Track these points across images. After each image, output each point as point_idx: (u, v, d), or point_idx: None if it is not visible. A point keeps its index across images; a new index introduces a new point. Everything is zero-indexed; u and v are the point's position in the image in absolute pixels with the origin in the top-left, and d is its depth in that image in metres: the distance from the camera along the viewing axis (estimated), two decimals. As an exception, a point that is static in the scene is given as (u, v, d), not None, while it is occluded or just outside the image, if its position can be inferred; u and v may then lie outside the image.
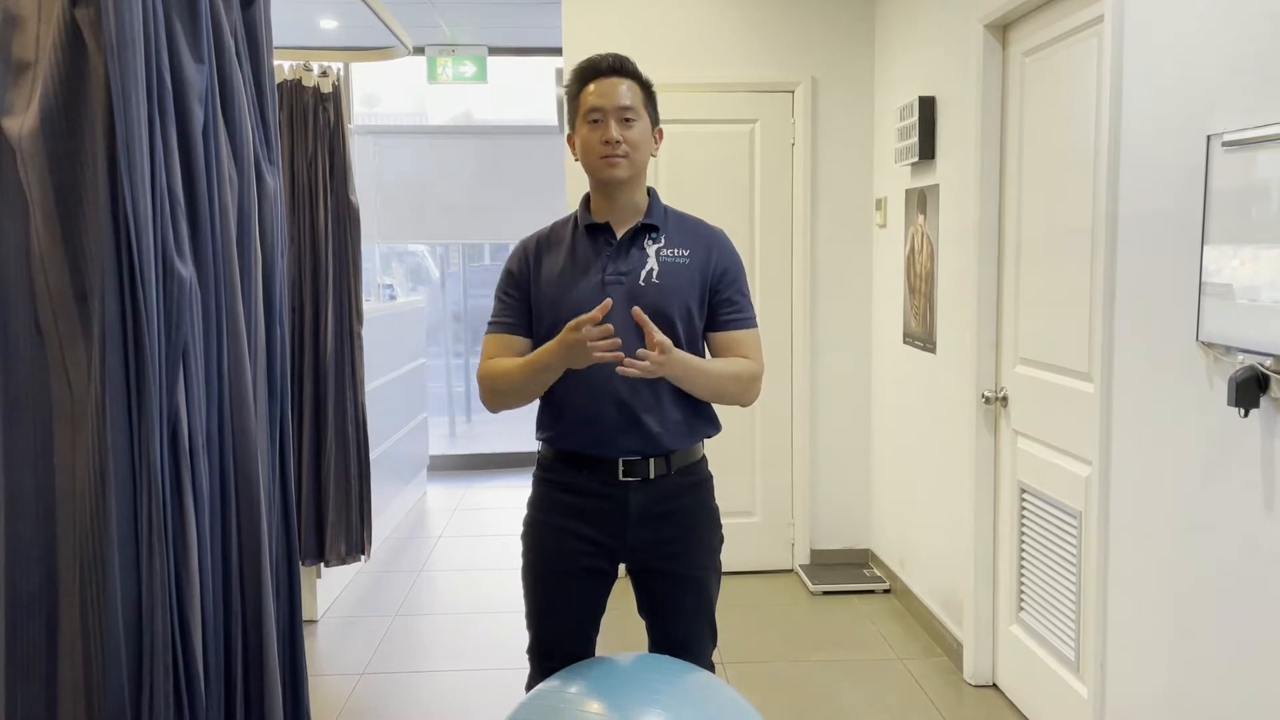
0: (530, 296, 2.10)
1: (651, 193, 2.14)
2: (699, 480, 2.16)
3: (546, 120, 6.64)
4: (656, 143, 2.12)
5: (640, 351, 1.85)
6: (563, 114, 2.22)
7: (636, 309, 1.88)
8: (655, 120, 2.11)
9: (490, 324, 2.14)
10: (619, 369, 1.85)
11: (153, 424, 1.26)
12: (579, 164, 2.09)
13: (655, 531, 2.09)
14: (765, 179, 4.38)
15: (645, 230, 2.09)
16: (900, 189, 4.01)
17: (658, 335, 1.87)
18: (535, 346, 2.11)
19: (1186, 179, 2.08)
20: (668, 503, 2.10)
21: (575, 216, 2.15)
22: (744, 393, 2.09)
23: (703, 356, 2.14)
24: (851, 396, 4.47)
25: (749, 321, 2.13)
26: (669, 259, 2.07)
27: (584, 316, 1.83)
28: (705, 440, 2.18)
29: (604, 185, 2.07)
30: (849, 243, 4.41)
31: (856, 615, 3.98)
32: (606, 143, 2.01)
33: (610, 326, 1.84)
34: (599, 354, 1.84)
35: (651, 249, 2.08)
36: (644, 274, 2.05)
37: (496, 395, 2.07)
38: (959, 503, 3.43)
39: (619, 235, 2.09)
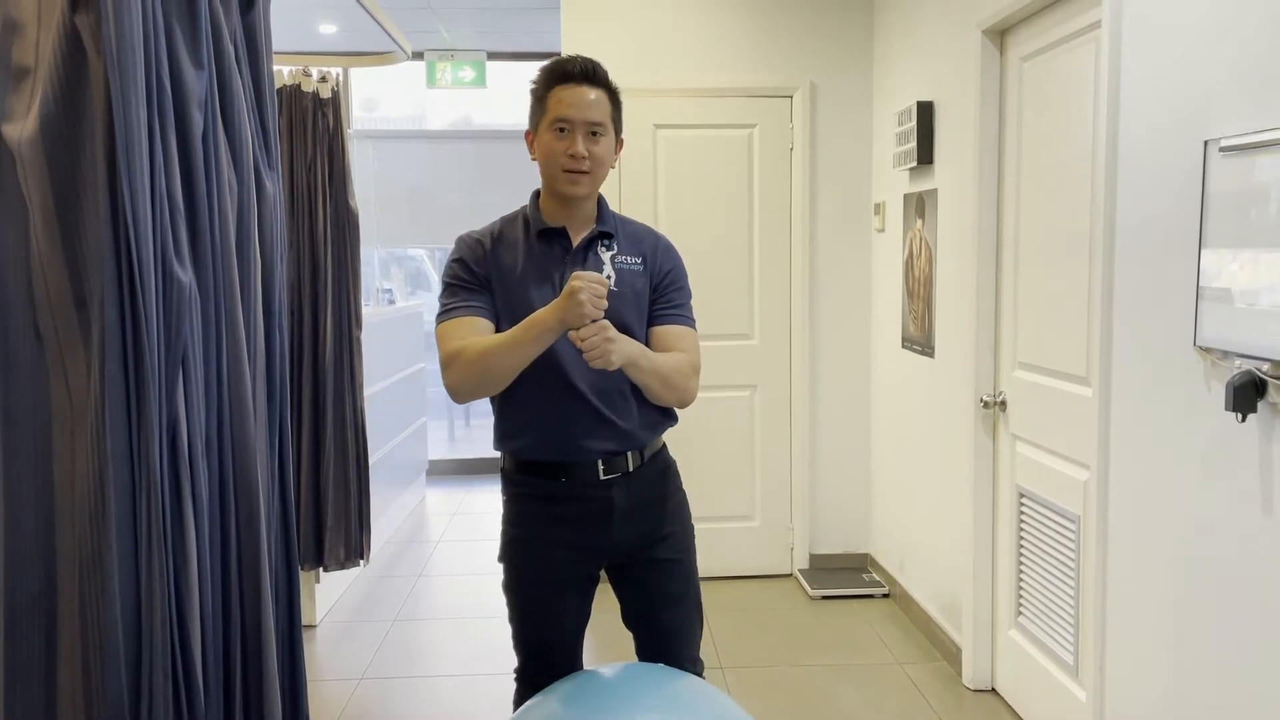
0: (492, 289, 2.02)
1: (601, 199, 2.10)
2: (666, 465, 2.19)
3: (545, 125, 6.64)
4: (617, 153, 2.07)
5: (580, 333, 1.82)
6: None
7: (572, 332, 1.84)
8: (619, 130, 2.07)
9: (447, 311, 1.99)
10: (592, 362, 1.84)
11: (152, 429, 1.26)
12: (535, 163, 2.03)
13: (641, 523, 2.10)
14: (764, 183, 4.38)
15: (600, 238, 2.06)
16: (899, 193, 4.02)
17: (587, 327, 1.83)
18: None
19: (1184, 184, 2.09)
20: (647, 492, 2.11)
21: (524, 216, 2.08)
22: (687, 386, 2.05)
23: None
24: (850, 401, 4.47)
25: (687, 320, 2.11)
26: (624, 266, 2.05)
27: (596, 280, 1.81)
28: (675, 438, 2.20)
29: (561, 196, 2.02)
30: (847, 247, 4.42)
31: (855, 619, 3.98)
32: (572, 156, 1.96)
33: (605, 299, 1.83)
34: (591, 310, 1.80)
35: (607, 256, 2.05)
36: None
37: (473, 370, 1.90)
38: (958, 507, 3.43)
39: (574, 242, 2.05)
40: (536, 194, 2.09)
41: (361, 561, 3.94)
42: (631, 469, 2.08)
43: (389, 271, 7.82)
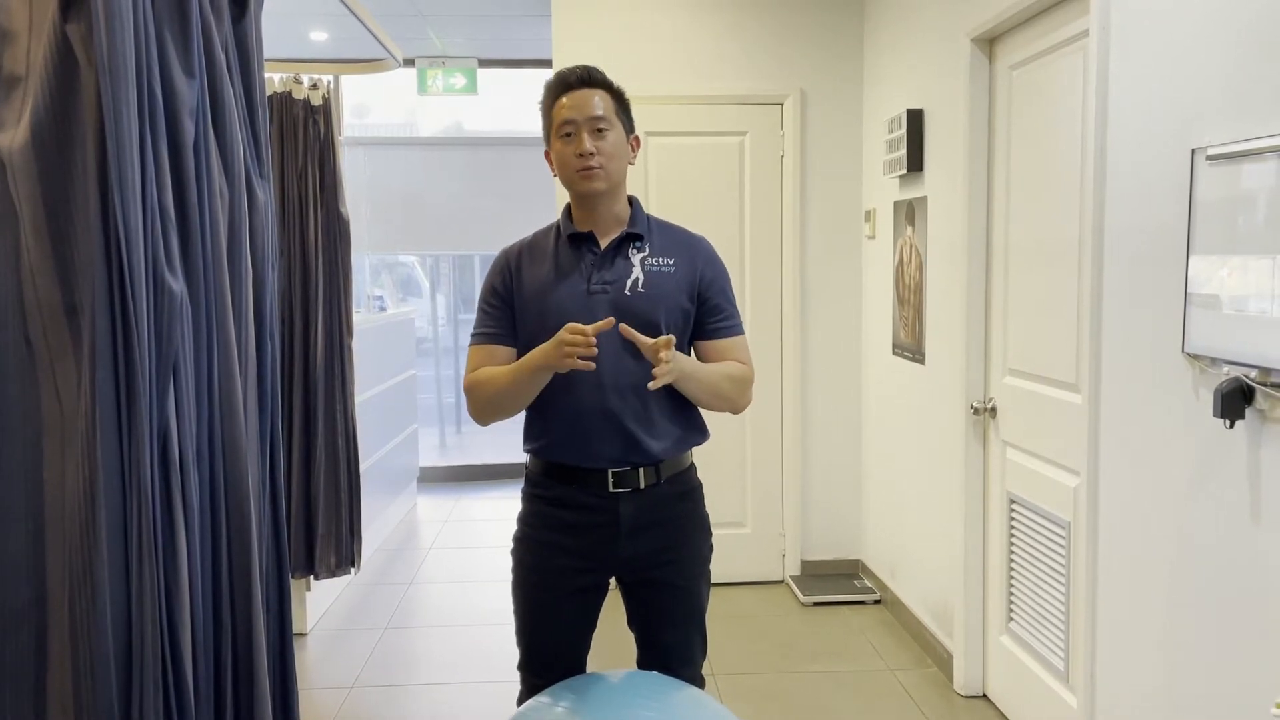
0: (514, 307, 2.09)
1: (634, 202, 2.14)
2: (689, 489, 2.16)
3: (536, 131, 6.63)
4: (634, 150, 2.12)
5: (658, 352, 1.88)
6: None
7: (623, 325, 1.91)
8: (630, 128, 2.11)
9: (474, 335, 2.13)
10: (650, 385, 1.89)
11: (143, 438, 1.26)
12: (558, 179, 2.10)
13: (647, 542, 2.08)
14: (754, 191, 4.39)
15: (630, 239, 2.09)
16: (889, 201, 4.03)
17: (648, 341, 1.90)
18: (520, 356, 2.10)
19: (1172, 191, 2.10)
20: (659, 512, 2.09)
21: (557, 225, 2.14)
22: (740, 395, 2.10)
23: None
24: (842, 407, 4.48)
25: (737, 328, 2.15)
26: (654, 268, 2.07)
27: (587, 328, 1.85)
28: (694, 449, 2.18)
29: (583, 198, 2.07)
30: (838, 254, 4.43)
31: (847, 626, 3.98)
32: (580, 155, 2.01)
33: (595, 347, 1.86)
34: (570, 362, 1.85)
35: (636, 258, 2.07)
36: (629, 283, 2.04)
37: (486, 404, 2.05)
38: (949, 513, 3.44)
39: (603, 245, 2.08)
40: (569, 206, 2.14)
41: (352, 569, 3.93)
42: (644, 485, 2.06)
43: (380, 278, 7.81)
